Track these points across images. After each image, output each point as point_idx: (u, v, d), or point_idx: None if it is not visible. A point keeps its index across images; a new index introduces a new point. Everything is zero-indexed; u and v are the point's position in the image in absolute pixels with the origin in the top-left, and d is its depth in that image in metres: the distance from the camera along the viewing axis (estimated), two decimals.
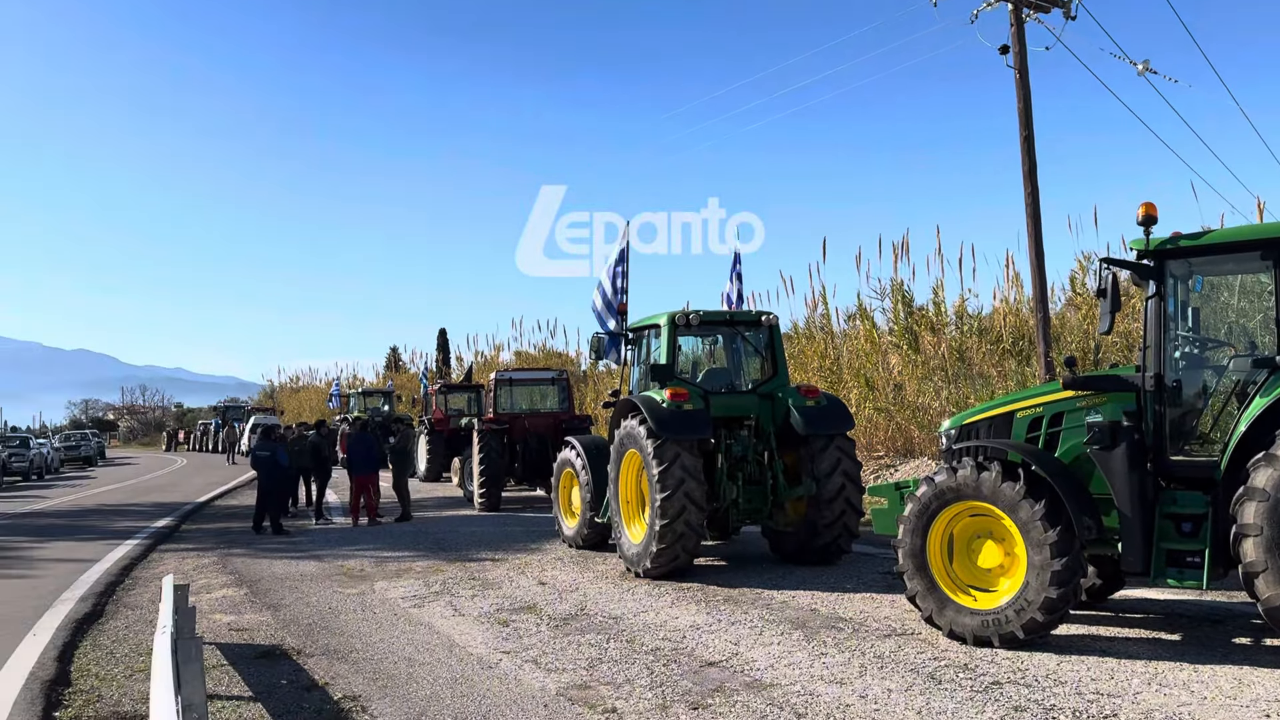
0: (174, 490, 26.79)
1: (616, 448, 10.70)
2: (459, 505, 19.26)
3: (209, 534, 16.14)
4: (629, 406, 10.57)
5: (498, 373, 20.39)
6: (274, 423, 31.72)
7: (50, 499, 25.44)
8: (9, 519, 20.05)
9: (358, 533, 15.47)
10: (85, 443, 49.18)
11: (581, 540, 12.28)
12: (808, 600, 8.79)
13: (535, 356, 36.66)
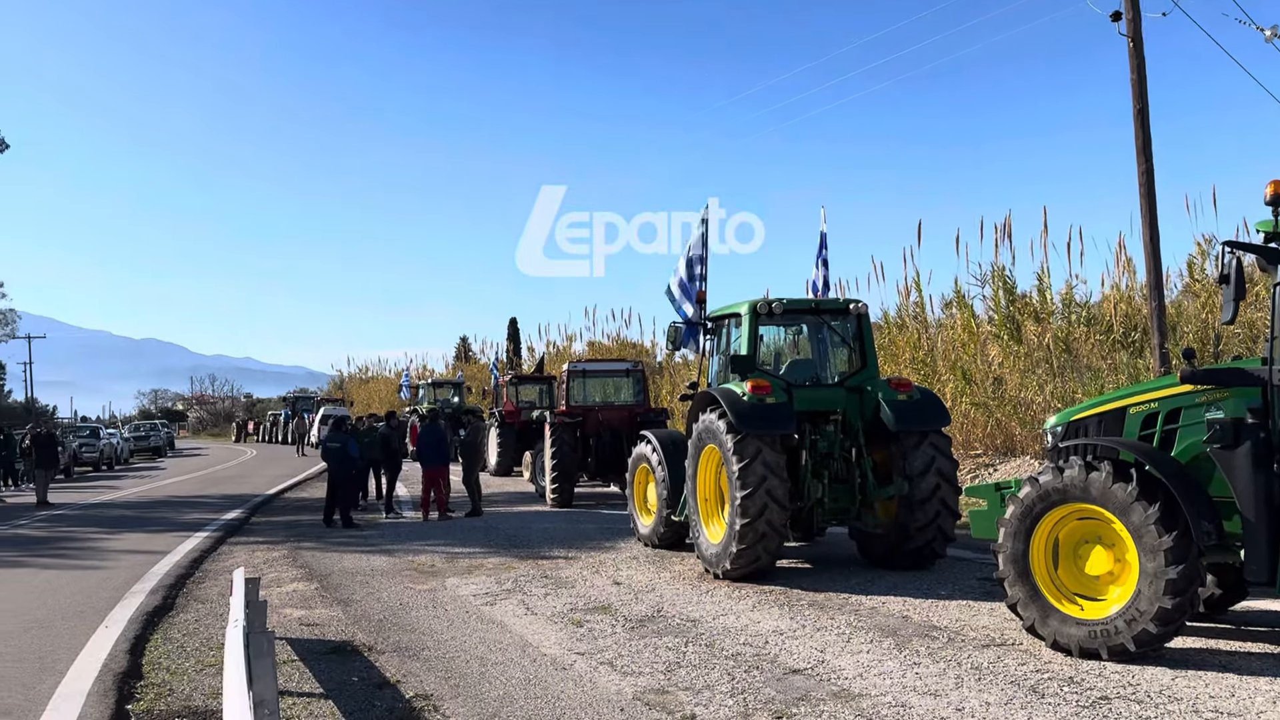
0: (243, 482, 27.67)
1: (694, 443, 10.70)
2: (530, 501, 19.49)
3: (279, 527, 16.63)
4: (707, 399, 10.56)
5: (570, 364, 20.57)
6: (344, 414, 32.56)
7: (120, 490, 26.50)
8: (80, 510, 20.96)
9: (428, 527, 15.78)
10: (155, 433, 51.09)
11: (657, 539, 12.32)
12: (899, 606, 8.69)
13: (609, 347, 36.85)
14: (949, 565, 10.55)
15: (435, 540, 14.11)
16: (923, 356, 19.79)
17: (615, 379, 21.63)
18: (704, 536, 10.51)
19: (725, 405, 9.95)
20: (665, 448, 12.17)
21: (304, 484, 26.41)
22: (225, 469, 35.44)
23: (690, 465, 10.82)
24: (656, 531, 12.29)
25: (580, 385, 20.20)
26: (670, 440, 12.33)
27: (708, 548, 10.33)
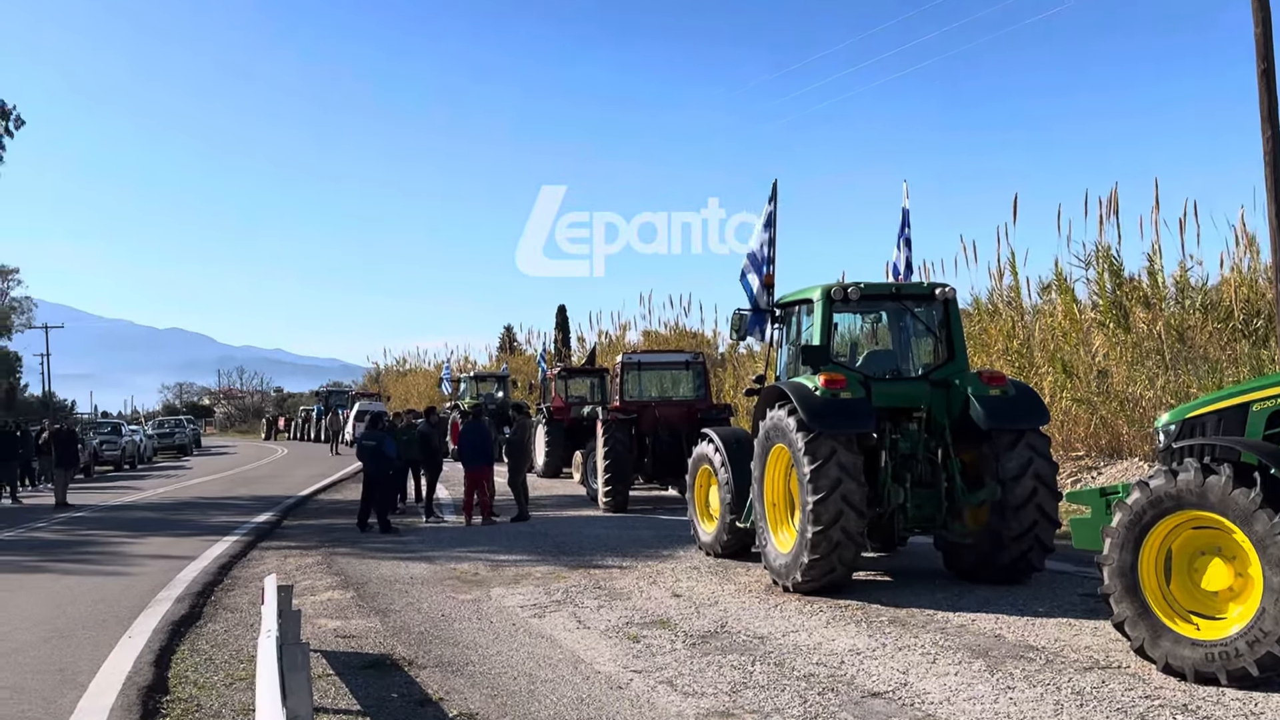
0: (274, 482, 28.21)
1: (761, 442, 10.67)
2: (581, 505, 19.59)
3: (312, 531, 16.93)
4: (776, 394, 10.52)
5: (625, 355, 20.63)
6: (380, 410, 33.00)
7: (144, 490, 27.17)
8: (102, 511, 21.53)
9: (470, 533, 15.95)
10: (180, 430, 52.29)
11: (720, 548, 12.32)
12: (990, 624, 8.59)
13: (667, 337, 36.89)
14: (1047, 579, 10.40)
15: (479, 547, 14.25)
16: (1018, 347, 19.49)
17: (673, 372, 21.63)
18: (772, 545, 10.48)
19: (795, 401, 9.90)
20: (729, 447, 12.15)
21: (338, 485, 26.84)
22: (255, 468, 36.15)
23: (757, 467, 10.80)
24: (719, 539, 12.28)
25: (635, 379, 20.25)
26: (734, 439, 12.31)
27: (776, 558, 10.30)
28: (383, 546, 14.68)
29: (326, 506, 21.37)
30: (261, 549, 14.93)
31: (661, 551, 13.20)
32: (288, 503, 21.69)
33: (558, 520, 17.22)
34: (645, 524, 16.33)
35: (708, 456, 12.58)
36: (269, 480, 29.33)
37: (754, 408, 11.15)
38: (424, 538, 15.58)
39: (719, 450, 12.24)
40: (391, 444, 17.20)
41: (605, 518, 17.40)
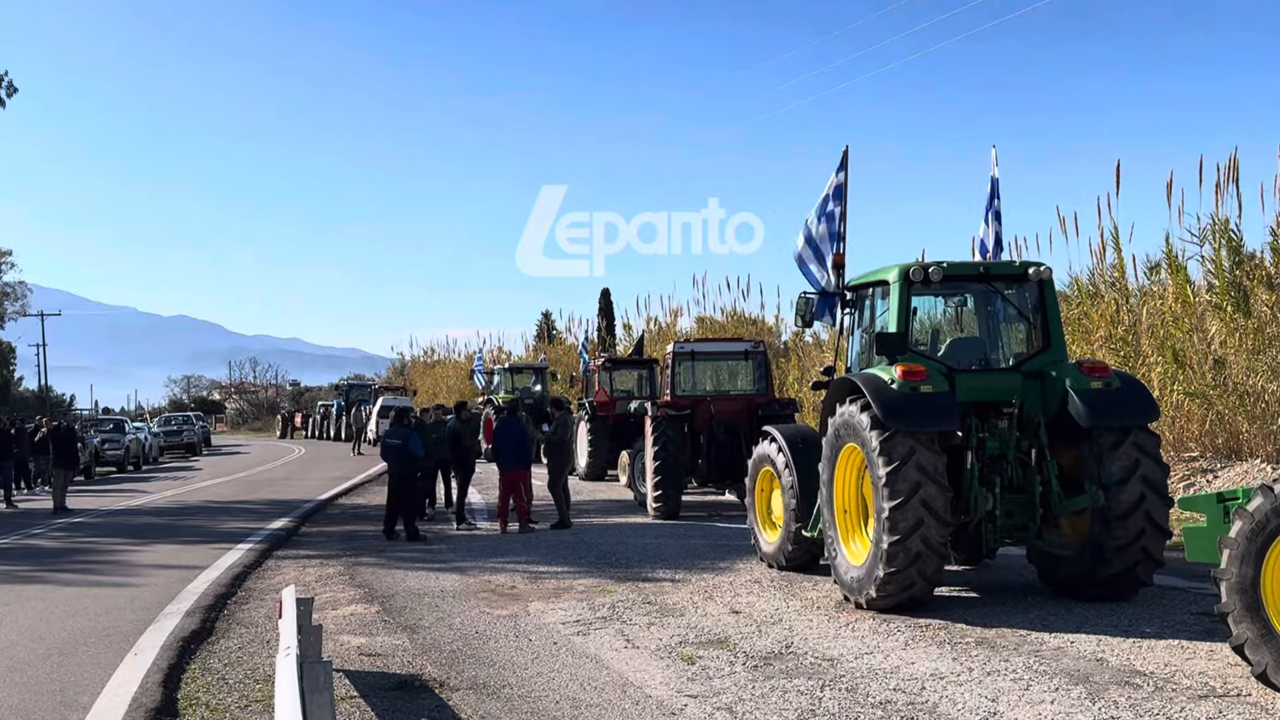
0: (291, 485, 28.57)
1: (831, 441, 10.62)
2: (628, 510, 19.64)
3: (333, 539, 17.13)
4: (847, 387, 10.47)
5: (676, 344, 20.62)
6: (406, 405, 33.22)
7: (149, 494, 27.63)
8: (104, 517, 21.92)
9: (506, 541, 16.04)
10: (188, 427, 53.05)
11: (784, 559, 12.29)
12: (1091, 647, 8.49)
13: (723, 324, 36.84)
14: (1155, 596, 10.27)
15: (515, 557, 14.35)
16: (1122, 334, 19.21)
17: (731, 362, 21.58)
18: (843, 557, 10.44)
19: (869, 395, 9.84)
20: (794, 447, 12.12)
21: (361, 488, 27.12)
22: (270, 470, 36.63)
23: (825, 469, 10.76)
24: (783, 550, 12.26)
25: (688, 370, 20.24)
26: (800, 438, 12.28)
27: (848, 571, 10.26)
28: (410, 556, 14.81)
29: (348, 512, 21.60)
30: (278, 558, 15.12)
31: (718, 563, 13.20)
32: (306, 507, 21.95)
33: (602, 528, 17.28)
34: (700, 532, 16.34)
35: (770, 457, 12.55)
36: (285, 483, 29.71)
37: (822, 402, 11.10)
38: (455, 547, 15.69)
39: (782, 450, 12.21)
40: (419, 443, 17.34)
41: (655, 525, 17.42)
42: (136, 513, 22.48)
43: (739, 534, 15.19)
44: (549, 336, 56.02)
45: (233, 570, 13.89)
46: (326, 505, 22.91)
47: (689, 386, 20.08)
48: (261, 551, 15.62)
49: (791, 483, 12.00)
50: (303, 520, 19.85)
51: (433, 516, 19.29)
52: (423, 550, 15.42)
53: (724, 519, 18.05)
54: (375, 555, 14.99)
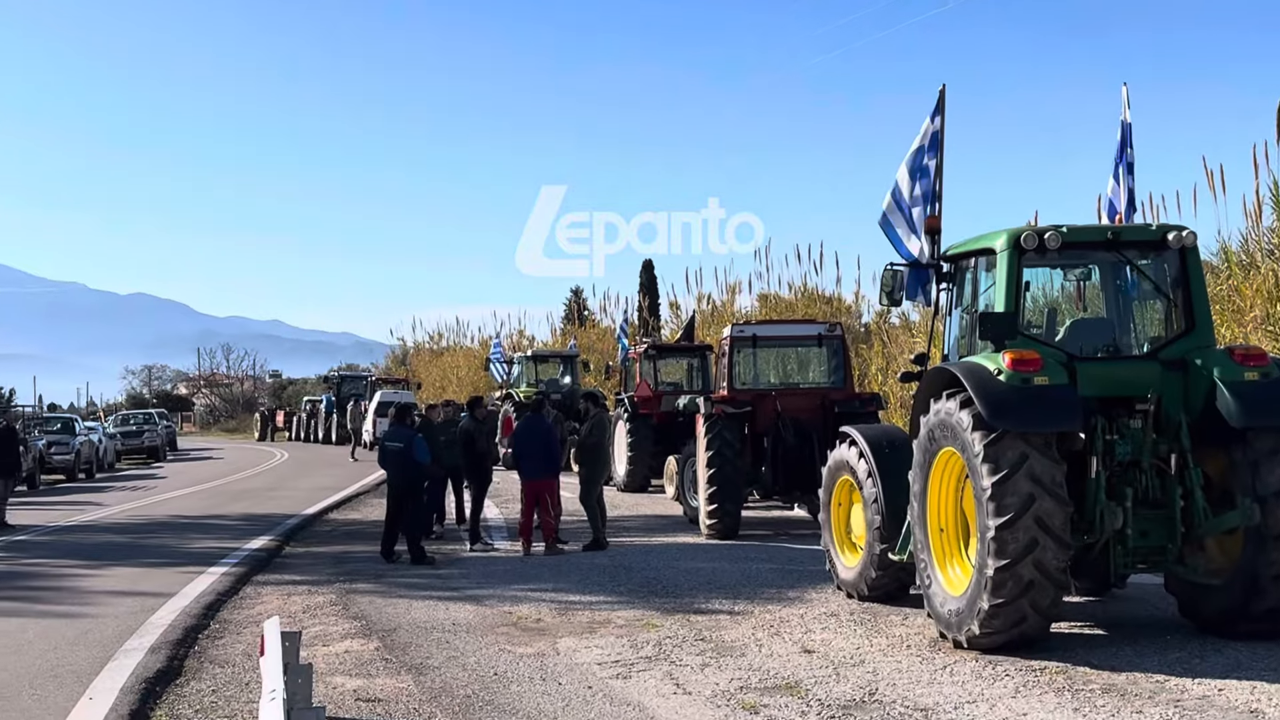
0: (273, 497, 28.77)
1: (923, 445, 10.58)
2: (677, 528, 19.65)
3: (323, 561, 17.25)
4: (944, 380, 10.42)
5: (735, 326, 20.57)
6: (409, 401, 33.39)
7: (106, 506, 27.89)
8: (51, 534, 22.15)
9: (530, 564, 16.09)
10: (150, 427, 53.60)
11: (867, 587, 12.26)
12: (1245, 696, 8.43)
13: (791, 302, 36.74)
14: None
15: (541, 583, 14.38)
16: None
17: (802, 349, 21.50)
18: (938, 585, 10.39)
19: (971, 388, 9.78)
20: (878, 452, 12.08)
21: (356, 500, 27.28)
22: (247, 478, 36.92)
23: (917, 479, 10.72)
24: (865, 576, 12.23)
25: (749, 359, 20.20)
26: (886, 441, 12.24)
27: (944, 602, 10.21)
28: (415, 582, 14.88)
29: (341, 529, 21.73)
30: (258, 584, 15.23)
31: (786, 592, 13.18)
32: (291, 524, 22.10)
33: (645, 549, 17.30)
34: (763, 554, 16.33)
35: (849, 464, 12.51)
36: (266, 494, 29.92)
37: (912, 398, 11.06)
38: (468, 570, 15.75)
39: (865, 456, 12.16)
40: (424, 446, 17.39)
41: (709, 546, 17.41)
42: (90, 529, 22.71)
43: (811, 557, 15.14)
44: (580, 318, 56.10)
45: (205, 598, 14.00)
46: (315, 521, 23.06)
47: (750, 378, 20.03)
48: (238, 576, 15.74)
49: (875, 495, 11.95)
50: (287, 539, 19.99)
51: (441, 534, 19.36)
52: (430, 575, 15.49)
53: (793, 539, 18.03)
54: (373, 581, 15.07)
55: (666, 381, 28.25)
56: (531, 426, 17.74)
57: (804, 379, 21.68)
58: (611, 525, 18.61)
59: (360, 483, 31.30)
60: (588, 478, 18.03)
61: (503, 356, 43.83)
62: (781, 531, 19.04)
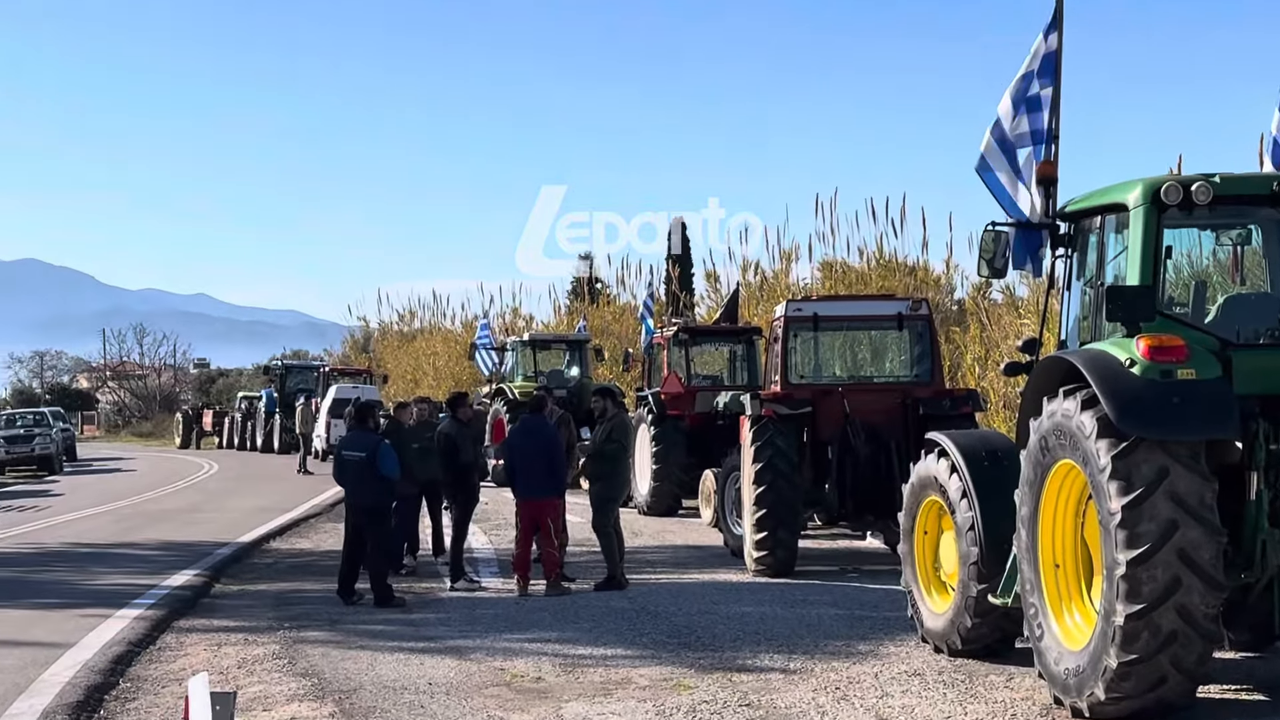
0: (199, 520, 28.87)
1: (1034, 456, 10.54)
2: (716, 562, 19.69)
3: (263, 602, 17.30)
4: (1061, 372, 10.38)
5: (791, 303, 20.50)
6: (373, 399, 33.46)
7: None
8: None
9: (528, 608, 16.11)
10: (42, 431, 53.70)
11: (960, 639, 12.22)
12: None
13: (863, 272, 36.58)
14: None
15: (542, 631, 14.41)
16: None
17: (877, 332, 21.40)
18: (1053, 636, 10.36)
19: (1096, 384, 9.73)
20: (975, 466, 12.04)
21: (305, 525, 27.36)
22: (167, 496, 37.03)
23: (1026, 499, 10.68)
24: (958, 625, 12.19)
25: (809, 346, 20.17)
26: (985, 451, 12.21)
27: (1061, 659, 10.19)
28: (381, 630, 14.89)
29: (285, 561, 21.78)
30: (180, 631, 15.26)
31: (856, 645, 13.17)
32: (222, 555, 22.14)
33: (675, 588, 17.33)
34: (826, 597, 16.35)
35: (937, 481, 12.48)
36: (190, 516, 29.99)
37: (1021, 395, 11.00)
38: (449, 615, 15.77)
39: (958, 470, 12.13)
40: (392, 456, 17.37)
41: (757, 586, 17.44)
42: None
43: (888, 600, 15.13)
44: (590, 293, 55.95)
45: (112, 649, 14.02)
46: (253, 551, 23.10)
47: (810, 370, 20.02)
48: (156, 621, 15.77)
49: (971, 521, 11.90)
50: (217, 574, 20.02)
51: (414, 569, 19.38)
52: (400, 621, 15.50)
53: (864, 577, 18.04)
54: (327, 628, 15.09)
55: (702, 374, 28.25)
56: (529, 431, 17.70)
57: (879, 371, 21.57)
58: (631, 558, 18.60)
59: (310, 502, 31.37)
60: (602, 497, 17.95)
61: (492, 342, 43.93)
62: (850, 567, 19.03)
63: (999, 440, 12.46)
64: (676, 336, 28.34)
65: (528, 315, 57.18)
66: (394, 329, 71.05)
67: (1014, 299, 30.82)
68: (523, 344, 37.98)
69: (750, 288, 39.73)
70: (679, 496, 26.30)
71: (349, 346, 78.40)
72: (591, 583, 17.46)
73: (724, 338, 29.17)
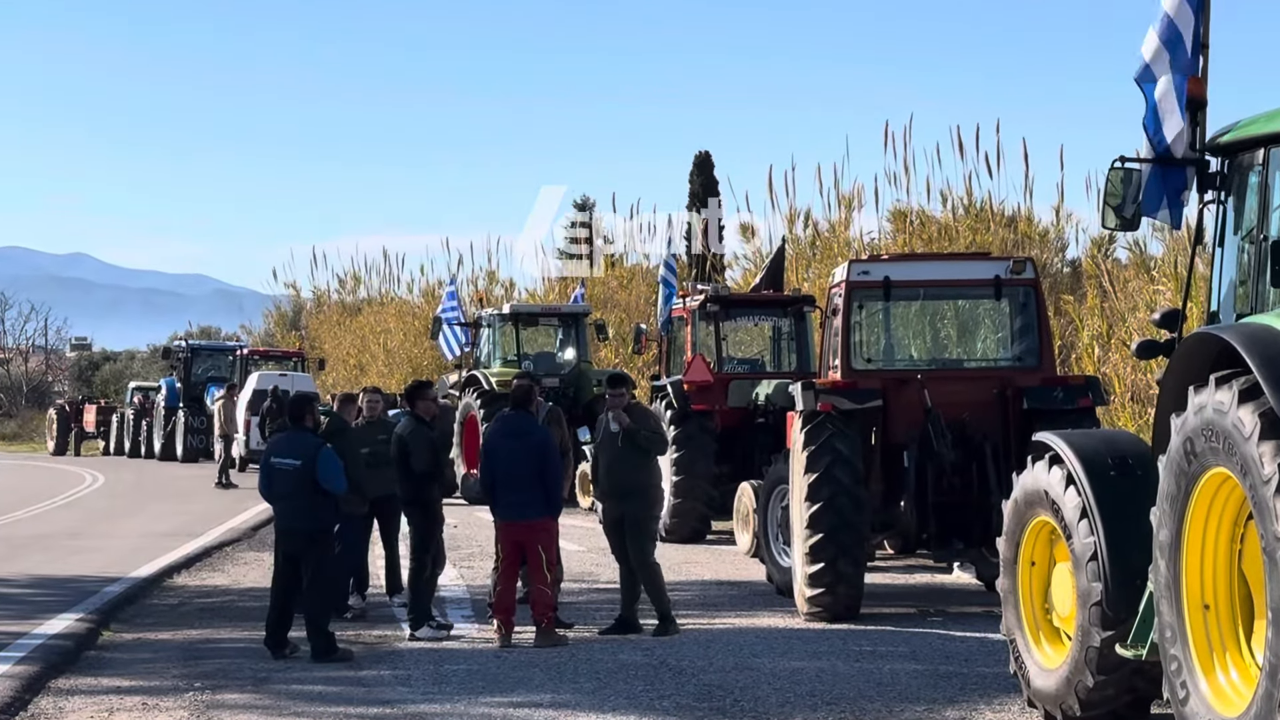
0: (81, 548, 28.90)
1: (1177, 464, 10.52)
2: (757, 602, 19.81)
3: (167, 655, 17.27)
4: (1212, 354, 10.39)
5: (854, 264, 20.47)
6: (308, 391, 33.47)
7: None
8: None
9: (512, 662, 16.16)
10: None
11: (1079, 702, 12.20)
12: None
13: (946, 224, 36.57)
14: None
15: (531, 693, 14.46)
16: None
17: (966, 302, 21.39)
18: (1200, 699, 10.35)
19: (1259, 369, 9.71)
20: (1098, 476, 12.02)
21: (220, 554, 27.38)
22: (37, 517, 37.07)
23: (1166, 521, 10.67)
24: (1076, 684, 12.17)
25: (878, 319, 20.20)
26: (1111, 457, 12.19)
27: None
28: (321, 692, 14.89)
29: (195, 601, 21.78)
30: (59, 694, 15.23)
31: (942, 710, 13.26)
32: (112, 593, 22.13)
33: (704, 636, 17.40)
34: (902, 646, 16.45)
35: (1048, 497, 12.48)
36: (70, 544, 30.01)
37: (1157, 384, 10.95)
38: (409, 672, 15.77)
39: (1075, 482, 12.11)
40: (337, 465, 17.38)
41: (811, 633, 17.51)
42: None
43: (983, 651, 15.19)
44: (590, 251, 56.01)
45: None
46: (152, 588, 23.07)
47: (880, 352, 20.13)
48: (26, 679, 15.74)
49: (1093, 548, 11.88)
50: (106, 618, 19.99)
51: (363, 612, 19.42)
52: (346, 679, 15.50)
53: (951, 621, 18.13)
54: (252, 689, 15.08)
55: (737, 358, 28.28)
56: (512, 431, 17.69)
57: (970, 353, 21.59)
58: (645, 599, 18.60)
59: (226, 525, 31.42)
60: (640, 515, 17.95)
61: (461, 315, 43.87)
62: (932, 609, 19.07)
63: (1130, 443, 12.43)
64: (704, 308, 28.25)
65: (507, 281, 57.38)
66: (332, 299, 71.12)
67: (1145, 258, 30.81)
68: (501, 318, 37.88)
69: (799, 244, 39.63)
70: (707, 517, 26.37)
71: (273, 321, 78.50)
72: (596, 629, 17.49)
73: (765, 309, 29.18)
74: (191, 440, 55.27)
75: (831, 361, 19.91)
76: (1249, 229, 11.26)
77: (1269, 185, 11.05)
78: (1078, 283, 32.88)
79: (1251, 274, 11.09)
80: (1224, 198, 11.61)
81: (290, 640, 16.88)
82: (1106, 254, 32.72)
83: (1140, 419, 24.85)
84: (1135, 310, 27.72)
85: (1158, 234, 26.85)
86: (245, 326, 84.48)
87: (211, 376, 55.93)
